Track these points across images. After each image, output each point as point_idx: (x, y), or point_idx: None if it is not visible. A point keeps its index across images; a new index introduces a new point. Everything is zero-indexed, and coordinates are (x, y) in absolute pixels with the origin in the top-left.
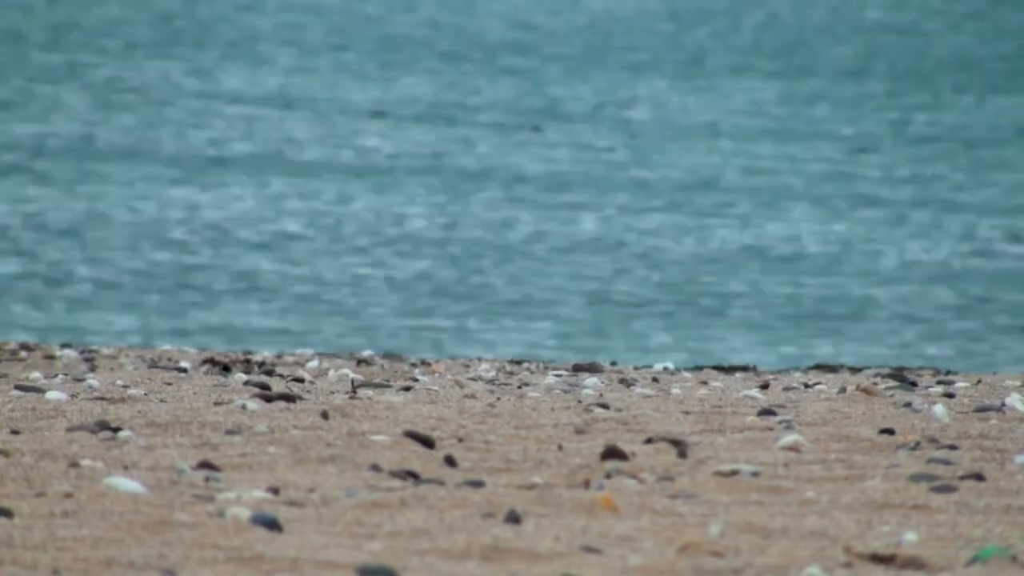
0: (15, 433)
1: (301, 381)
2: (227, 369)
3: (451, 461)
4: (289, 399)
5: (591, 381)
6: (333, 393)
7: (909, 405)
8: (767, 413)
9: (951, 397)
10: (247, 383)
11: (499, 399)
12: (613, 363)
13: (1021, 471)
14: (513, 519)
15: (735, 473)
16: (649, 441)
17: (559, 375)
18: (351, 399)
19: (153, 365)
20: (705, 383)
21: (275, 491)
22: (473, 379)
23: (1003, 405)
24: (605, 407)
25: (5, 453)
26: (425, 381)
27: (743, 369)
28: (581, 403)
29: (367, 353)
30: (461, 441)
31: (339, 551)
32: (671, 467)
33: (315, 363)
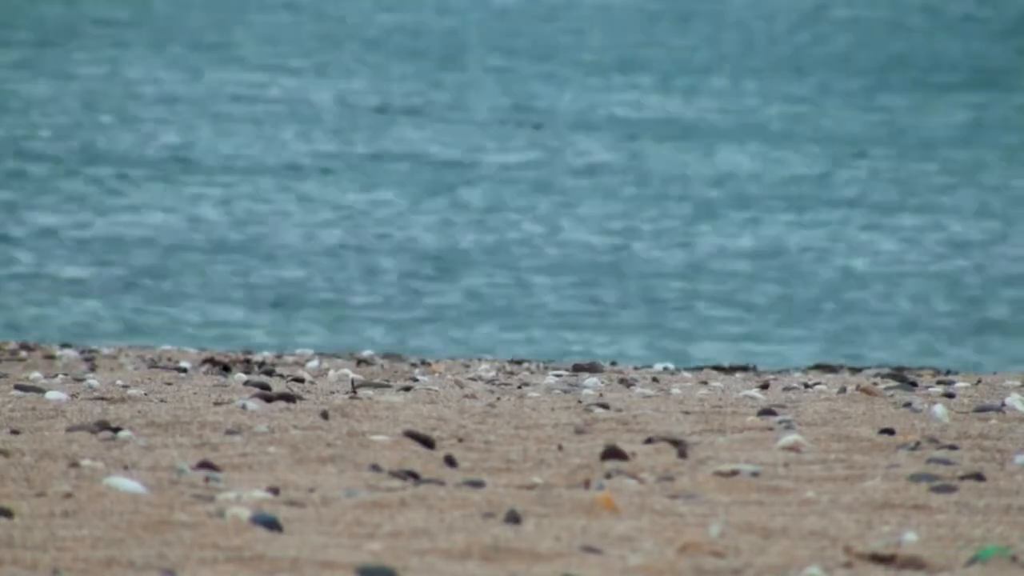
0: (15, 433)
1: (301, 381)
2: (227, 369)
3: (451, 461)
4: (289, 399)
5: (591, 381)
6: (333, 393)
7: (909, 405)
8: (767, 413)
9: (951, 397)
10: (247, 383)
11: (499, 399)
12: (613, 363)
13: (1021, 471)
14: (513, 519)
15: (735, 473)
16: (649, 441)
17: (559, 375)
18: (351, 399)
19: (153, 365)
20: (705, 383)
21: (275, 491)
22: (473, 379)
23: (1003, 405)
24: (605, 407)
25: (5, 453)
26: (425, 381)
27: (743, 369)
28: (581, 403)
29: (367, 353)
30: (461, 441)
31: (339, 551)
32: (671, 467)
33: (315, 363)
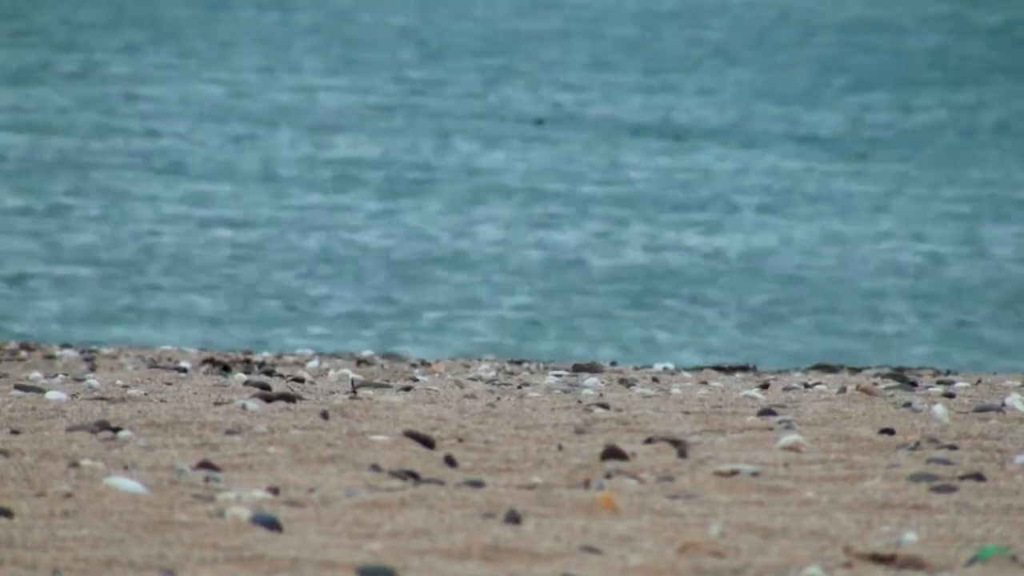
0: (15, 433)
1: (301, 381)
2: (227, 369)
3: (451, 461)
4: (289, 399)
5: (591, 381)
6: (333, 393)
7: (909, 405)
8: (767, 413)
9: (951, 397)
10: (247, 383)
11: (499, 399)
12: (613, 363)
13: (1021, 471)
14: (513, 519)
15: (735, 473)
16: (649, 441)
17: (559, 375)
18: (351, 399)
19: (153, 365)
20: (705, 383)
21: (275, 491)
22: (473, 379)
23: (1003, 405)
24: (605, 407)
25: (5, 453)
26: (425, 381)
27: (743, 369)
28: (581, 403)
29: (367, 353)
30: (461, 441)
31: (339, 551)
32: (671, 467)
33: (315, 363)
